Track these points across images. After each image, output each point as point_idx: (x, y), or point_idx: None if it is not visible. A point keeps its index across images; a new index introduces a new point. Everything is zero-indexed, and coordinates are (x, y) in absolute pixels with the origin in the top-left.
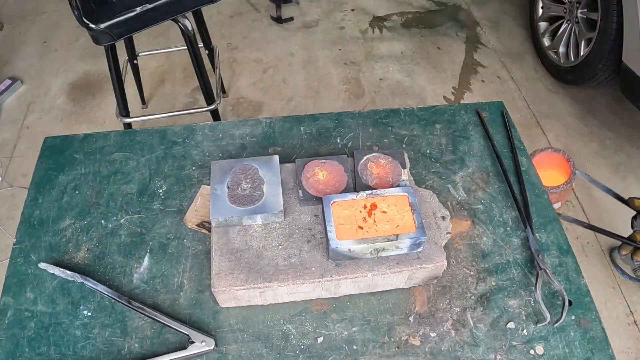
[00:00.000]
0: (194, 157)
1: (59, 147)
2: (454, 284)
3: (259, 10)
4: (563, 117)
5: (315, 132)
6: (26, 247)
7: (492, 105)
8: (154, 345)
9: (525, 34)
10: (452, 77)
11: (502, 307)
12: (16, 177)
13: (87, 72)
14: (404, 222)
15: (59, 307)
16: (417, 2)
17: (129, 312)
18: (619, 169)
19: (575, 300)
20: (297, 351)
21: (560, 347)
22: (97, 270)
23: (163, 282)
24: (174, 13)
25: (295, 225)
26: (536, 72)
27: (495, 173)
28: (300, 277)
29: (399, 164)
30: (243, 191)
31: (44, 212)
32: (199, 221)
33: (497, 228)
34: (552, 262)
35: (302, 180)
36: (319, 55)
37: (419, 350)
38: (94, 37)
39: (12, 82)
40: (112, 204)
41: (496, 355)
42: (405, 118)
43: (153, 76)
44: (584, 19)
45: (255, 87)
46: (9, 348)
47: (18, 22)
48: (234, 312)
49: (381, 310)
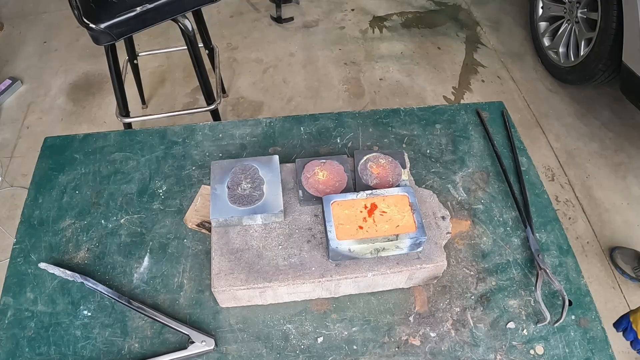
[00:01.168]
0: (194, 157)
1: (59, 147)
2: (454, 284)
3: (259, 10)
4: (563, 117)
5: (315, 132)
6: (26, 247)
7: (492, 105)
8: (154, 345)
9: (525, 34)
10: (452, 77)
11: (502, 307)
12: (16, 177)
13: (87, 72)
14: (404, 222)
15: (59, 307)
16: (417, 2)
17: (129, 312)
18: (619, 169)
19: (575, 300)
20: (297, 351)
21: (560, 347)
22: (97, 270)
23: (163, 282)
24: (174, 13)
25: (295, 225)
26: (536, 72)
27: (495, 173)
28: (300, 277)
29: (399, 164)
30: (243, 191)
31: (44, 212)
32: (199, 221)
33: (497, 228)
34: (552, 262)
35: (302, 180)
36: (319, 55)
37: (419, 350)
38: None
39: (12, 82)
40: (112, 204)
41: (496, 355)
42: (405, 118)
43: (153, 76)
44: (584, 19)
45: (255, 87)
46: (9, 348)
47: (18, 22)
48: (234, 312)
49: (381, 310)
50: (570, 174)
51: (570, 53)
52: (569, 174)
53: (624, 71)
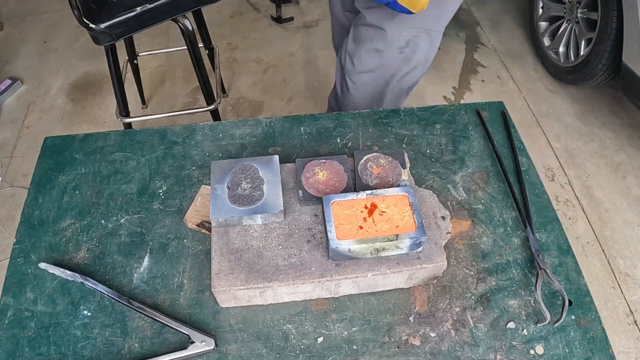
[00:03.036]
0: (194, 157)
1: (59, 147)
2: (454, 284)
3: (259, 10)
4: (563, 117)
5: (315, 132)
6: (26, 247)
7: (492, 105)
8: (154, 345)
9: (525, 34)
10: (452, 77)
11: (502, 307)
12: (16, 177)
13: (87, 72)
14: (404, 222)
15: (59, 307)
16: None
17: (129, 312)
18: (619, 169)
19: (575, 300)
20: (297, 351)
21: (560, 347)
22: (97, 270)
23: (163, 282)
24: (174, 13)
25: (295, 225)
26: (536, 72)
27: (495, 173)
28: (300, 277)
29: (399, 164)
30: (243, 191)
31: (44, 212)
32: (199, 221)
33: (497, 228)
34: (552, 262)
35: (302, 180)
36: (319, 55)
37: (419, 350)
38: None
39: (12, 82)
40: (112, 204)
41: (496, 355)
42: (405, 118)
43: (153, 76)
44: (584, 19)
45: (255, 87)
46: (9, 348)
47: (18, 22)
48: (234, 312)
49: (381, 310)
50: (570, 174)
51: (570, 53)
52: (569, 174)
53: (624, 71)
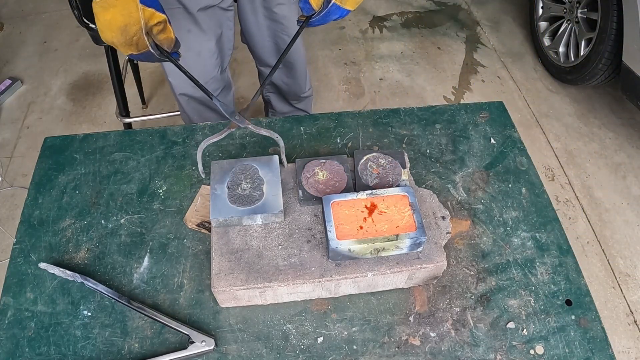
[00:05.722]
0: (194, 157)
1: (59, 147)
2: (454, 284)
3: None
4: (563, 117)
5: (315, 132)
6: (26, 247)
7: (492, 105)
8: (154, 345)
9: (525, 34)
10: (452, 77)
11: (502, 307)
12: (16, 177)
13: (87, 72)
14: (404, 222)
15: (59, 307)
16: (417, 2)
17: (129, 312)
18: (619, 169)
19: (575, 300)
20: (297, 351)
21: (560, 347)
22: (97, 270)
23: (163, 282)
24: None
25: (295, 225)
26: (536, 72)
27: (495, 173)
28: (300, 277)
29: (399, 164)
30: (243, 191)
31: (44, 212)
32: (199, 221)
33: (497, 228)
34: (552, 262)
35: (302, 180)
36: (319, 55)
37: (419, 350)
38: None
39: (12, 82)
40: (112, 204)
41: (496, 355)
42: (405, 118)
43: (153, 76)
44: (584, 19)
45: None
46: (9, 348)
47: (18, 22)
48: (234, 312)
49: (381, 310)
50: (570, 174)
51: (570, 53)
52: (569, 174)
53: (624, 71)
